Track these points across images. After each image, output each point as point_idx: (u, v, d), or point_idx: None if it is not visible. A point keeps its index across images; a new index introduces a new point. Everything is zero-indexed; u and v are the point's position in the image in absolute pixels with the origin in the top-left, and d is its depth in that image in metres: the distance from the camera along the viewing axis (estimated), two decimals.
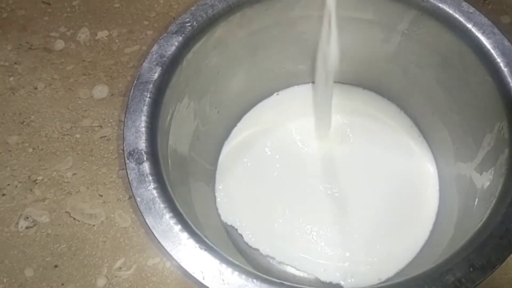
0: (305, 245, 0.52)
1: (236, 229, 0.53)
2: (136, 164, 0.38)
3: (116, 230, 0.53)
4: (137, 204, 0.37)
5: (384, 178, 0.55)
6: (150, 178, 0.38)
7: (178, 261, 0.35)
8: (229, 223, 0.53)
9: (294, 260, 0.51)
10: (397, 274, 0.50)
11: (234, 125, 0.58)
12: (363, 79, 0.58)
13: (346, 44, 0.54)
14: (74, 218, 0.54)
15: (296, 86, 0.60)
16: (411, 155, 0.56)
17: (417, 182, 0.55)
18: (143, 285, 0.50)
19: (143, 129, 0.40)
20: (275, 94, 0.60)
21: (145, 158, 0.39)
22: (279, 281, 0.35)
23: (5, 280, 0.51)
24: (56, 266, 0.52)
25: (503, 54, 0.43)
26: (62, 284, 0.51)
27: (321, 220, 0.53)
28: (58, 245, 0.52)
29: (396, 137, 0.57)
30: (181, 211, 0.38)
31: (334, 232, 0.52)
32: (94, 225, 0.53)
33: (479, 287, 0.35)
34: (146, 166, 0.38)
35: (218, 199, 0.54)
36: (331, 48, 0.48)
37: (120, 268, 0.51)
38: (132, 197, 0.40)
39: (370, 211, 0.53)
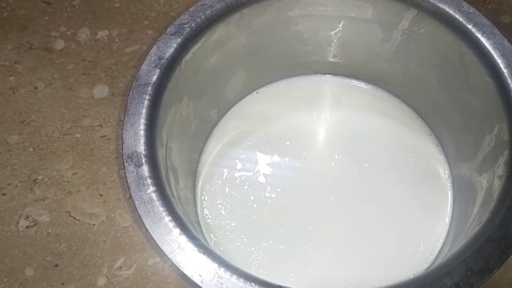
0: (300, 261, 0.50)
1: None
2: (135, 167, 0.38)
3: (116, 230, 0.53)
4: (135, 207, 0.37)
5: (392, 183, 0.54)
6: (149, 181, 0.38)
7: (177, 264, 0.35)
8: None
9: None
10: None
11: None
12: (365, 75, 0.58)
13: (346, 43, 0.54)
14: (74, 218, 0.54)
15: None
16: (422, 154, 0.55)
17: (428, 184, 0.54)
18: (143, 285, 0.51)
19: (142, 132, 0.40)
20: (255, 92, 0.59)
21: (144, 161, 0.39)
22: (277, 284, 0.35)
23: (5, 279, 0.51)
24: (56, 266, 0.52)
25: (503, 55, 0.42)
26: (63, 284, 0.51)
27: (316, 232, 0.51)
28: (58, 244, 0.53)
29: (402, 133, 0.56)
30: (180, 214, 0.38)
31: (331, 245, 0.51)
32: (94, 225, 0.53)
33: None
34: (145, 169, 0.38)
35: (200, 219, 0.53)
36: None
37: (120, 267, 0.52)
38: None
39: (373, 221, 0.52)
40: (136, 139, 0.39)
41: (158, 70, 0.42)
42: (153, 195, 0.38)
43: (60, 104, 0.59)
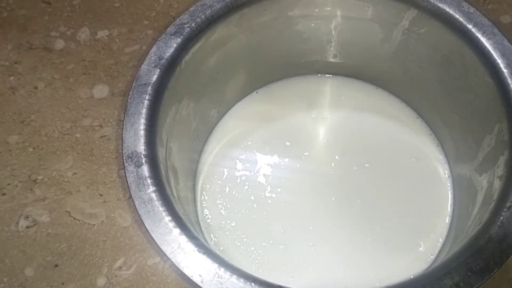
0: (300, 261, 0.50)
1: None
2: (135, 167, 0.38)
3: (116, 230, 0.53)
4: (135, 207, 0.37)
5: (392, 183, 0.54)
6: (149, 181, 0.38)
7: (177, 264, 0.35)
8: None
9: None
10: None
11: None
12: (365, 75, 0.58)
13: (346, 43, 0.54)
14: (74, 218, 0.54)
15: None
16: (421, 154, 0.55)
17: (428, 184, 0.54)
18: (143, 285, 0.51)
19: (142, 132, 0.40)
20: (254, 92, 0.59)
21: (144, 161, 0.39)
22: (277, 284, 0.35)
23: (5, 279, 0.51)
24: (56, 266, 0.52)
25: (503, 55, 0.42)
26: (62, 284, 0.51)
27: (316, 232, 0.51)
28: (58, 244, 0.53)
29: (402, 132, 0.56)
30: (180, 214, 0.38)
31: (331, 245, 0.51)
32: (94, 225, 0.53)
33: None
34: (145, 169, 0.38)
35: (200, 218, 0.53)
36: None
37: (120, 267, 0.51)
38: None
39: (374, 219, 0.52)
40: (136, 139, 0.39)
41: (158, 70, 0.42)
42: (153, 195, 0.38)
43: (60, 104, 0.59)
